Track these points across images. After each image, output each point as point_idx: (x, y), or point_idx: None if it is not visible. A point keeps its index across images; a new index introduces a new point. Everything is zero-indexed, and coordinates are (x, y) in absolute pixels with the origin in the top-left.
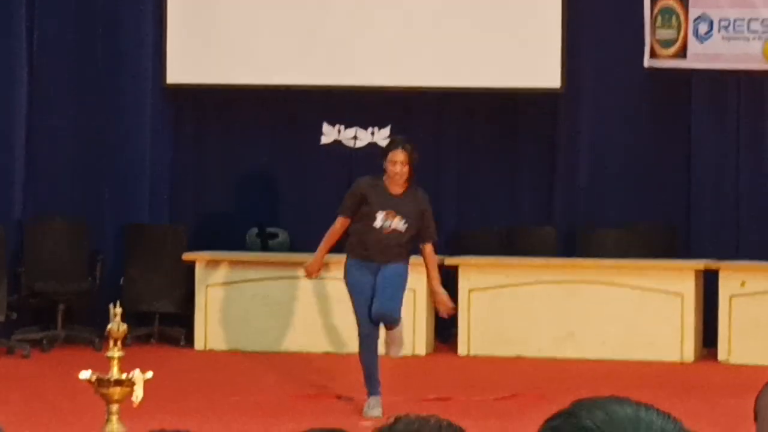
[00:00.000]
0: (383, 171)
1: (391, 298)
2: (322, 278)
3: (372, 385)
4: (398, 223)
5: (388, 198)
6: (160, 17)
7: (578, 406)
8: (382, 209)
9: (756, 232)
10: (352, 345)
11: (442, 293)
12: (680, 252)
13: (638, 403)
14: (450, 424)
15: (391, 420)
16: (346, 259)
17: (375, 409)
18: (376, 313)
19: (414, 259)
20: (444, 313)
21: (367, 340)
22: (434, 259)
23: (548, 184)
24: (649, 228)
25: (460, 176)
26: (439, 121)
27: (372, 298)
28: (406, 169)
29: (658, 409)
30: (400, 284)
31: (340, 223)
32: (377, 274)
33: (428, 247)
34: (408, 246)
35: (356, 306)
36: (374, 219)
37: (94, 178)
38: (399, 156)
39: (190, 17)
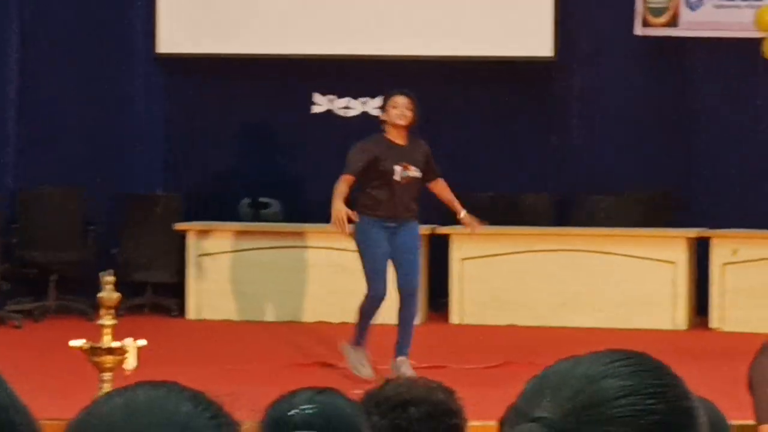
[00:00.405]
0: (381, 129)
1: (414, 270)
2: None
3: (362, 335)
4: (414, 172)
5: (397, 150)
6: None
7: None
8: (397, 163)
9: (750, 199)
10: (345, 314)
11: (469, 216)
12: (676, 219)
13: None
14: (439, 386)
15: (381, 383)
16: (360, 218)
17: (365, 369)
18: (404, 287)
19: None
20: (477, 230)
21: (377, 300)
22: (449, 189)
23: (542, 152)
24: (644, 195)
25: (453, 144)
26: (432, 90)
27: (386, 266)
28: (409, 113)
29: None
30: (419, 251)
31: (345, 182)
32: (393, 240)
33: (441, 181)
34: (418, 195)
35: (370, 266)
36: (393, 173)
37: (87, 148)
38: (401, 99)
39: None
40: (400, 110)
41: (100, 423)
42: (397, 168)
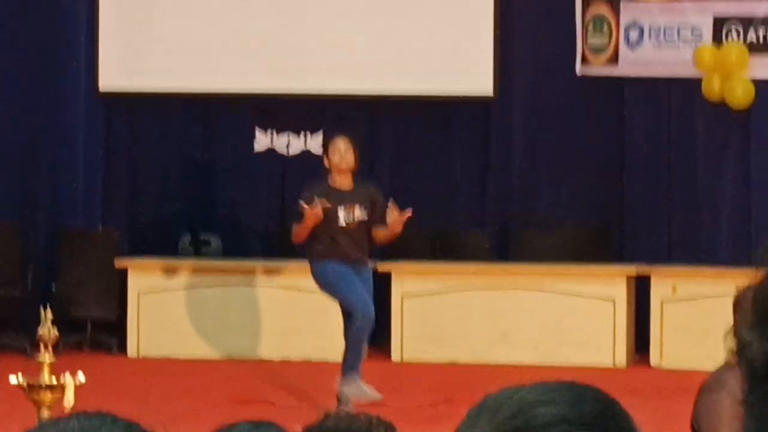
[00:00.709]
0: (324, 175)
1: (371, 302)
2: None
3: (356, 364)
4: (360, 213)
5: (342, 194)
6: (93, 22)
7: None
8: (341, 205)
9: (687, 235)
10: (284, 351)
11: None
12: (613, 255)
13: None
14: (379, 421)
15: (321, 417)
16: (314, 264)
17: (370, 393)
18: (368, 313)
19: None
20: (399, 223)
21: (365, 322)
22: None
23: (481, 189)
24: (582, 231)
25: (392, 181)
26: (372, 126)
27: (361, 286)
28: (350, 155)
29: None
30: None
31: (294, 230)
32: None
33: (378, 228)
34: (369, 240)
35: (347, 291)
36: (338, 218)
37: (26, 183)
38: (340, 144)
39: (122, 23)
40: (339, 156)
41: None
42: (341, 212)
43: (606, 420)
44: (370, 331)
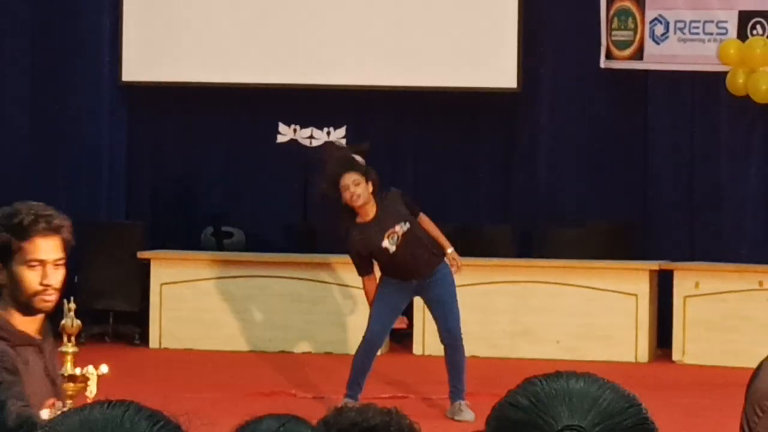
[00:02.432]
0: (343, 210)
1: (451, 318)
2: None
3: (353, 389)
4: (400, 229)
5: (373, 226)
6: (117, 14)
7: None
8: (381, 236)
9: (710, 231)
10: (306, 343)
11: (454, 253)
12: (636, 251)
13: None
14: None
15: (333, 410)
16: (382, 276)
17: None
18: (444, 337)
19: None
20: (460, 270)
21: (370, 345)
22: (433, 224)
23: (505, 184)
24: (605, 227)
25: (416, 176)
26: (396, 121)
27: (392, 317)
28: (360, 187)
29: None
30: (453, 296)
31: (368, 282)
32: (425, 294)
33: (422, 216)
34: (426, 239)
35: (375, 311)
36: (386, 250)
37: (50, 175)
38: (346, 180)
39: (146, 15)
40: (349, 193)
41: None
42: (384, 242)
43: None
44: (371, 361)
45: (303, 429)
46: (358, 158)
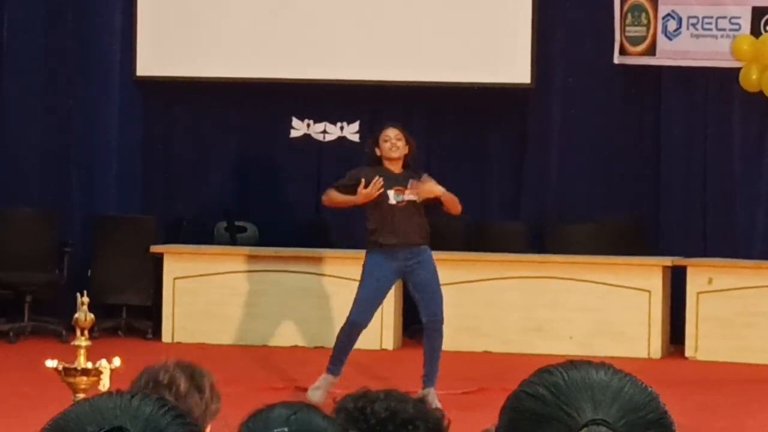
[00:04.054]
0: (374, 161)
1: (436, 302)
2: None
3: (335, 363)
4: (410, 195)
5: (392, 177)
6: (130, 8)
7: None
8: (390, 188)
9: (723, 227)
10: (320, 338)
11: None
12: (648, 247)
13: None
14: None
15: (360, 397)
16: (368, 254)
17: (317, 391)
18: (427, 321)
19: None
20: (427, 192)
21: (353, 327)
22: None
23: (518, 179)
24: (617, 223)
25: (428, 171)
26: (409, 116)
27: (380, 299)
28: (401, 143)
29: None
30: (437, 281)
31: (327, 193)
32: (411, 277)
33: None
34: (426, 221)
35: (361, 292)
36: (387, 198)
37: (63, 169)
38: (391, 132)
39: (160, 9)
40: (390, 143)
41: (67, 424)
42: (390, 192)
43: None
44: (353, 340)
45: (314, 417)
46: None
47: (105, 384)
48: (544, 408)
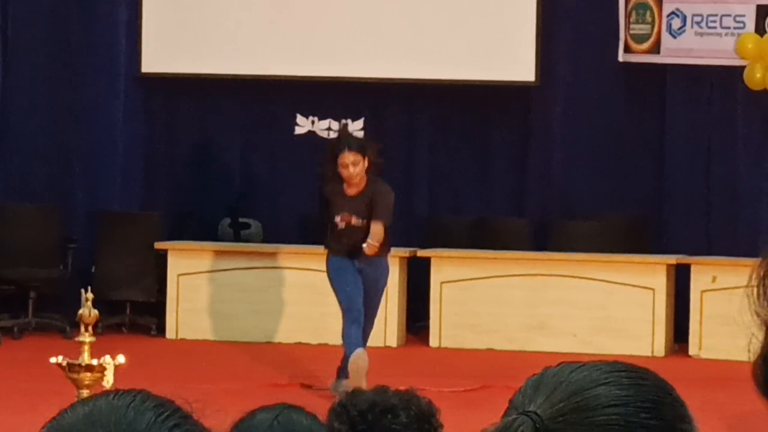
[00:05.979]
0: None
1: (377, 305)
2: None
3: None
4: (356, 221)
5: (345, 200)
6: (135, 4)
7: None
8: (338, 212)
9: (727, 225)
10: (324, 335)
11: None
12: (652, 245)
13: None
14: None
15: (347, 394)
16: (327, 255)
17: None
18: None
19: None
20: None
21: (351, 312)
22: (374, 229)
23: (521, 176)
24: (621, 221)
25: (432, 168)
26: (414, 113)
27: (356, 281)
28: (358, 168)
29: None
30: (384, 289)
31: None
32: (361, 273)
33: (374, 224)
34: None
35: (337, 283)
36: (335, 221)
37: (67, 165)
38: (347, 158)
39: (165, 6)
40: (347, 171)
41: None
42: (337, 218)
43: (665, 406)
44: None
45: (297, 416)
46: (360, 137)
47: (109, 380)
48: (515, 399)
